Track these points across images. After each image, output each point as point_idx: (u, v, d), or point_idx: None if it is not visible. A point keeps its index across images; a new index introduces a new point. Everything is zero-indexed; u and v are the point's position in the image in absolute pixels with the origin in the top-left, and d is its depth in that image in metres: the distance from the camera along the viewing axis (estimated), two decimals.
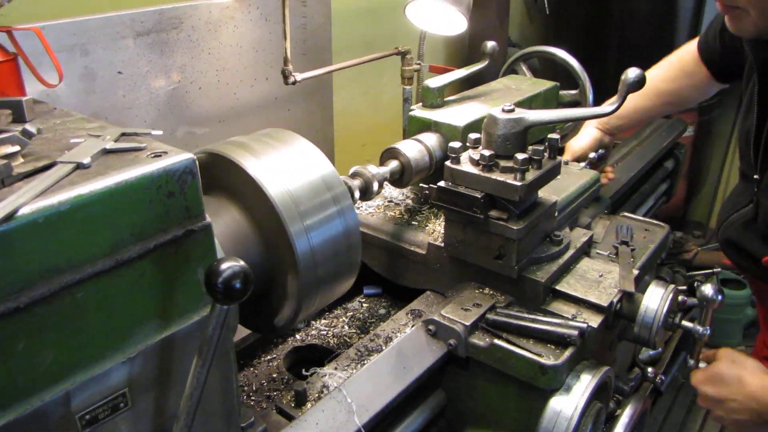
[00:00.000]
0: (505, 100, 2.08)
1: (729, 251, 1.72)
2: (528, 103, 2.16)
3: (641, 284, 1.73)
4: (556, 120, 1.61)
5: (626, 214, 2.23)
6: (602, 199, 2.24)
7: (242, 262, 0.95)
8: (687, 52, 2.16)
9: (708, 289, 1.63)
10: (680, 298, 1.98)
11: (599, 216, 2.15)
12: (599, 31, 4.15)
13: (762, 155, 1.70)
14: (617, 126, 2.27)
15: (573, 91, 2.51)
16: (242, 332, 1.66)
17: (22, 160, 0.96)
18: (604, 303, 1.60)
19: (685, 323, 1.67)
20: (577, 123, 2.76)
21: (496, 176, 1.53)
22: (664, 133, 3.22)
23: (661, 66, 2.23)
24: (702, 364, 1.73)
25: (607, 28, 4.09)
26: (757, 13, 1.47)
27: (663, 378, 2.12)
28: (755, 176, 1.71)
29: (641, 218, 2.18)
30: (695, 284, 2.63)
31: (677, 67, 2.17)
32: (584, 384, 1.51)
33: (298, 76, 2.18)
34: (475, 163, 1.57)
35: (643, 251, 1.94)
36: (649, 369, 2.09)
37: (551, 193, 1.75)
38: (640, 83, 1.48)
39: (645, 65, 4.29)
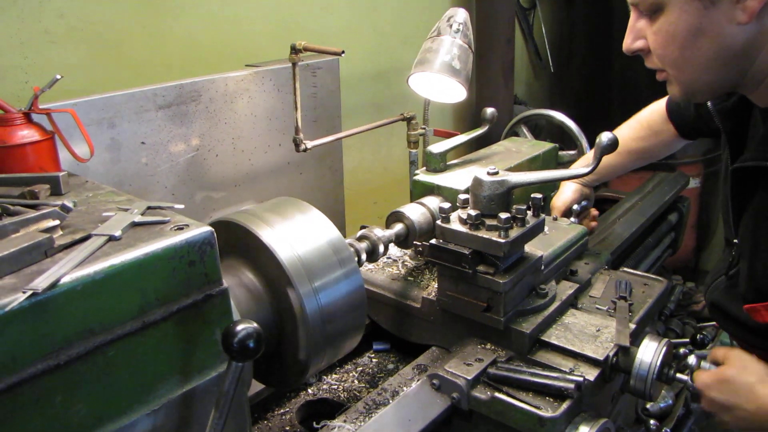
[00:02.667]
0: (505, 163, 2.19)
1: (716, 315, 1.71)
2: (528, 165, 2.26)
3: (640, 338, 1.80)
4: (537, 181, 1.73)
5: (626, 269, 2.30)
6: (603, 254, 2.32)
7: (255, 324, 1.06)
8: (654, 112, 2.24)
9: (692, 360, 1.67)
10: (681, 350, 2.04)
11: (600, 271, 2.23)
12: (602, 91, 4.28)
13: (738, 220, 1.68)
14: (592, 180, 2.38)
15: (572, 152, 2.63)
16: (257, 386, 1.74)
17: (61, 232, 1.08)
18: (600, 357, 1.67)
19: (680, 376, 1.73)
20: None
21: (482, 234, 1.64)
22: (666, 187, 3.28)
23: (631, 126, 2.31)
24: (705, 365, 1.66)
25: (610, 88, 4.21)
26: (679, 75, 1.46)
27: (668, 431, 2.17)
28: (734, 240, 1.70)
29: (640, 273, 2.25)
30: (698, 337, 2.68)
31: (646, 126, 2.25)
32: None
33: (309, 144, 2.31)
34: (463, 222, 1.69)
35: (641, 306, 2.00)
36: (652, 421, 2.14)
37: (539, 248, 1.85)
38: (613, 146, 1.62)
39: None
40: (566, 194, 2.36)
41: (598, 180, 2.42)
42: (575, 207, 2.37)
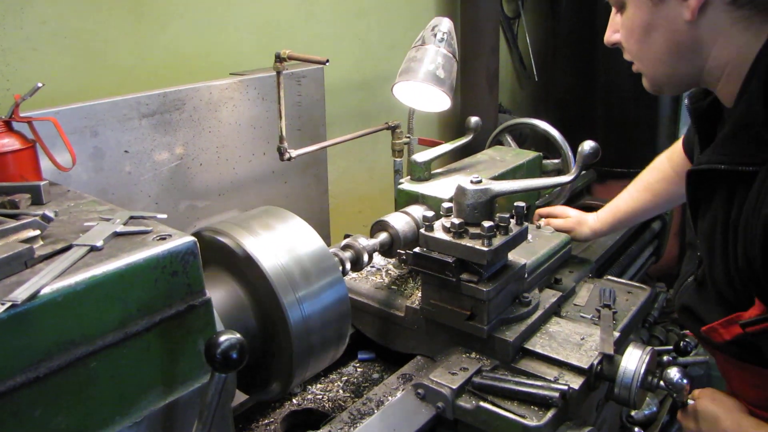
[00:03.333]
0: (489, 172, 2.20)
1: (684, 318, 1.69)
2: (512, 174, 2.27)
3: (624, 346, 1.81)
4: (520, 189, 1.74)
5: (609, 277, 2.32)
6: (587, 262, 2.33)
7: (238, 335, 1.05)
8: (674, 152, 2.15)
9: (673, 374, 1.65)
10: (666, 358, 2.06)
11: (584, 279, 2.24)
12: (586, 99, 4.31)
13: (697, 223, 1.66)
14: (611, 228, 2.31)
15: (556, 160, 2.64)
16: (241, 397, 1.73)
17: (41, 242, 1.07)
18: (585, 365, 1.68)
19: (663, 384, 1.74)
20: (563, 189, 2.88)
21: (466, 242, 1.65)
22: None
23: (652, 168, 2.23)
24: (691, 401, 1.70)
25: (594, 97, 4.24)
26: (643, 68, 1.49)
27: None
28: (697, 240, 1.67)
29: (624, 281, 2.27)
30: (681, 344, 2.70)
31: (668, 167, 2.16)
32: None
33: (293, 153, 2.31)
34: (446, 230, 1.69)
35: (625, 314, 2.02)
36: (636, 429, 2.16)
37: (523, 256, 1.86)
38: (595, 155, 1.64)
39: (630, 135, 4.41)
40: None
41: (614, 230, 2.36)
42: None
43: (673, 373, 1.64)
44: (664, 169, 2.16)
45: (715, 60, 1.36)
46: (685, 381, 1.64)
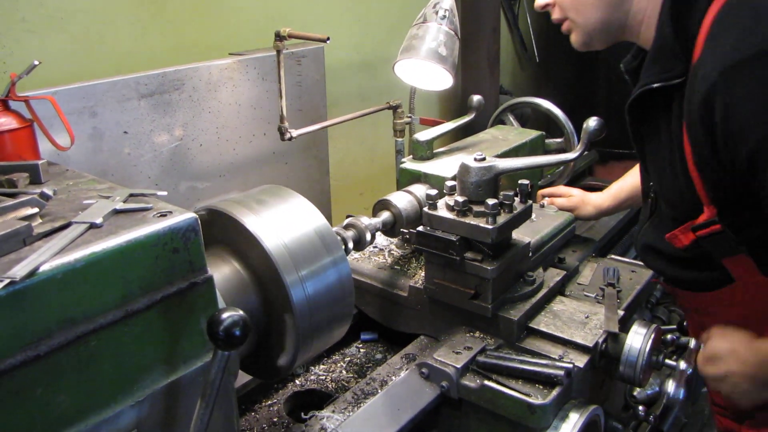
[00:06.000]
0: (492, 151, 2.18)
1: (647, 258, 1.78)
2: (515, 153, 2.26)
3: (628, 324, 1.80)
4: (524, 167, 1.72)
5: (613, 256, 2.31)
6: (591, 241, 2.32)
7: (241, 312, 1.04)
8: None
9: (670, 387, 1.66)
10: (669, 336, 2.04)
11: (587, 259, 2.23)
12: (587, 82, 4.29)
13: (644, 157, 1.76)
14: (612, 209, 2.31)
15: (559, 139, 2.62)
16: (244, 378, 1.72)
17: (40, 220, 1.05)
18: (590, 343, 1.67)
19: (669, 362, 1.73)
20: (565, 169, 2.86)
21: (470, 220, 1.64)
22: None
23: None
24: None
25: (595, 78, 4.22)
26: (577, 18, 1.61)
27: (654, 416, 2.17)
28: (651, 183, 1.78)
29: (628, 260, 2.26)
30: (684, 323, 2.69)
31: None
32: (572, 422, 1.57)
33: (294, 133, 2.29)
34: (450, 208, 1.68)
35: (629, 292, 2.01)
36: (640, 407, 2.15)
37: (527, 234, 1.85)
38: (601, 130, 1.63)
39: None
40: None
41: (618, 209, 2.35)
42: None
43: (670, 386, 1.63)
44: None
45: (638, 4, 1.54)
46: (681, 395, 1.63)
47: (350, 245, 1.70)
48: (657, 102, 1.52)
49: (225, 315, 1.03)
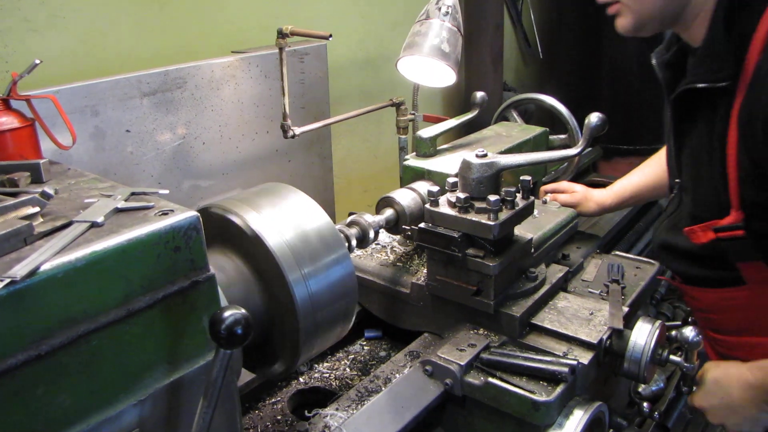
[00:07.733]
0: (496, 147, 2.17)
1: (663, 254, 1.79)
2: (518, 149, 2.25)
3: (633, 321, 1.80)
4: (526, 163, 1.72)
5: (618, 252, 2.29)
6: (595, 238, 2.31)
7: (243, 310, 1.03)
8: None
9: (689, 332, 1.68)
10: (673, 333, 2.03)
11: (591, 255, 2.22)
12: (591, 77, 4.27)
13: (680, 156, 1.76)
14: (614, 206, 2.33)
15: (562, 136, 2.61)
16: (247, 376, 1.72)
17: (41, 219, 1.05)
18: (594, 340, 1.66)
19: (673, 358, 1.72)
20: (569, 165, 2.86)
21: (471, 217, 1.63)
22: None
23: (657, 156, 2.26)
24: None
25: (599, 75, 4.20)
26: (633, 3, 1.58)
27: (659, 413, 2.17)
28: (677, 180, 1.78)
29: (632, 256, 2.25)
30: (689, 320, 2.68)
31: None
32: (577, 419, 1.56)
33: (297, 130, 2.28)
34: (452, 205, 1.67)
35: (634, 289, 2.00)
36: (645, 404, 2.14)
37: (529, 231, 1.84)
38: (603, 125, 1.63)
39: (636, 112, 4.38)
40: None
41: (621, 206, 2.36)
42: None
43: (689, 331, 1.66)
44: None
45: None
46: (700, 337, 1.67)
47: (354, 243, 1.69)
48: (700, 100, 1.52)
49: (227, 313, 1.02)
